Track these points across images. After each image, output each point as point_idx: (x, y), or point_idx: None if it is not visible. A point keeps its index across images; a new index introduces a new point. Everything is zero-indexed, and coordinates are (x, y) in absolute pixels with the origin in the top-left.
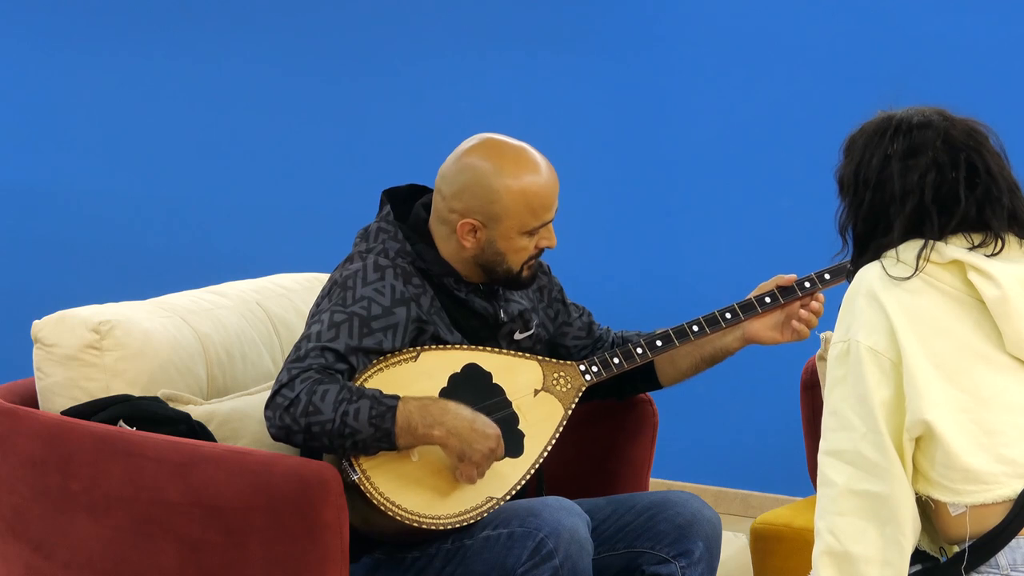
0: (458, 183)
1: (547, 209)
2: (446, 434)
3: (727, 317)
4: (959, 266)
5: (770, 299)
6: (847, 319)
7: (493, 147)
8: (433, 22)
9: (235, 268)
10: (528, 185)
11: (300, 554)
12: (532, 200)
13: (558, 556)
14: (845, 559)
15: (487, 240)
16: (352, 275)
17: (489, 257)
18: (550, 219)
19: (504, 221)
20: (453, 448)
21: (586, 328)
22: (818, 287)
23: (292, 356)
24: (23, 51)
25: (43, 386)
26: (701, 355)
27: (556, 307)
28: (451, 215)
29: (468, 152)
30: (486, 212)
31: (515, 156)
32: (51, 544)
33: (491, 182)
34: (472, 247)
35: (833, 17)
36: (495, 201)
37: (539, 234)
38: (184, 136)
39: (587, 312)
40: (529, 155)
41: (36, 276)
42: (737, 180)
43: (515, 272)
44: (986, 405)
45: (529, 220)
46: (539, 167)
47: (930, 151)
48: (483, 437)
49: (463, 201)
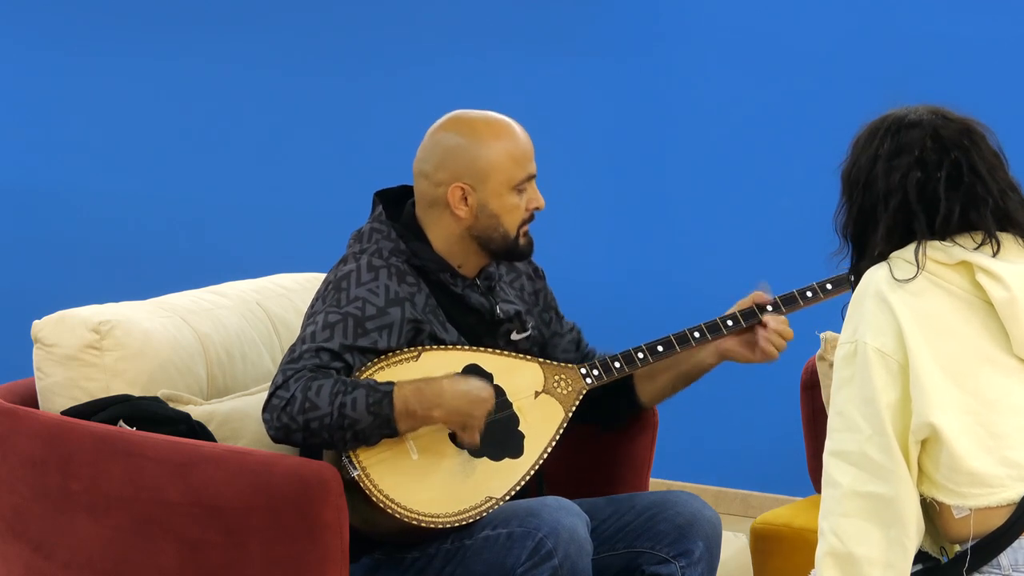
0: (437, 155)
1: (529, 159)
2: (447, 414)
3: (729, 324)
4: (967, 267)
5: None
6: (855, 320)
7: (461, 117)
8: (433, 23)
9: (235, 268)
10: (506, 139)
11: (300, 554)
12: (513, 151)
13: (557, 556)
14: (848, 560)
15: (479, 204)
16: (346, 276)
17: (484, 223)
18: (534, 172)
19: (492, 177)
20: (456, 424)
21: (575, 343)
22: (820, 296)
23: (287, 358)
24: (23, 51)
25: (43, 386)
26: (678, 372)
27: (550, 315)
28: (439, 189)
29: (438, 129)
30: (472, 172)
31: (484, 118)
32: (51, 544)
33: (470, 143)
34: (466, 216)
35: (834, 17)
36: (478, 158)
37: (527, 193)
38: (184, 136)
39: (577, 329)
40: (497, 116)
41: (36, 276)
42: (737, 180)
43: (512, 237)
44: (992, 408)
45: (515, 171)
46: (510, 123)
47: (916, 150)
48: (481, 402)
49: (447, 169)
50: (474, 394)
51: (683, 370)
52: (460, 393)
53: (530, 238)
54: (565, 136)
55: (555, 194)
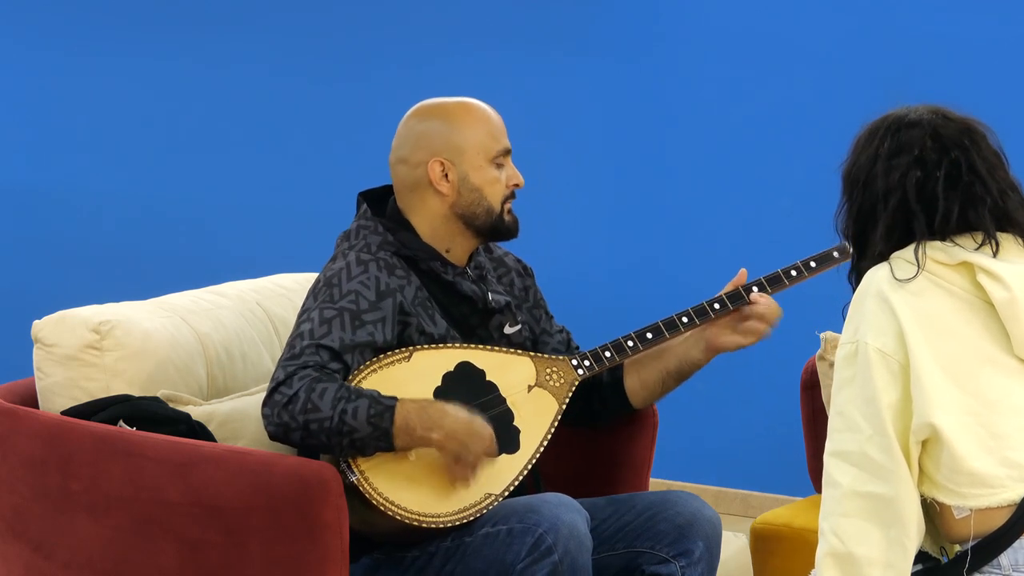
0: (412, 139)
1: (502, 133)
2: (444, 437)
3: (716, 308)
4: (968, 267)
5: (719, 305)
6: (856, 320)
7: (429, 102)
8: (433, 23)
9: (235, 268)
10: (476, 114)
11: (300, 554)
12: (486, 123)
13: (557, 551)
14: (849, 561)
15: (460, 178)
16: (337, 273)
17: (467, 198)
18: (509, 147)
19: (468, 150)
20: (450, 451)
21: (564, 344)
22: (804, 275)
23: (286, 354)
24: (23, 51)
25: (43, 386)
26: (668, 371)
27: (539, 312)
28: (418, 170)
29: (409, 118)
30: (449, 147)
31: (453, 100)
32: (51, 544)
33: (442, 123)
34: (449, 192)
35: (834, 17)
36: (453, 133)
37: (506, 169)
38: (184, 136)
39: (567, 331)
40: (465, 98)
41: (36, 276)
42: (737, 180)
43: (497, 212)
44: (993, 408)
45: (490, 144)
46: (478, 103)
47: (916, 150)
48: (479, 438)
49: (424, 148)
50: (475, 426)
51: (673, 368)
52: (461, 420)
53: (515, 216)
54: (565, 136)
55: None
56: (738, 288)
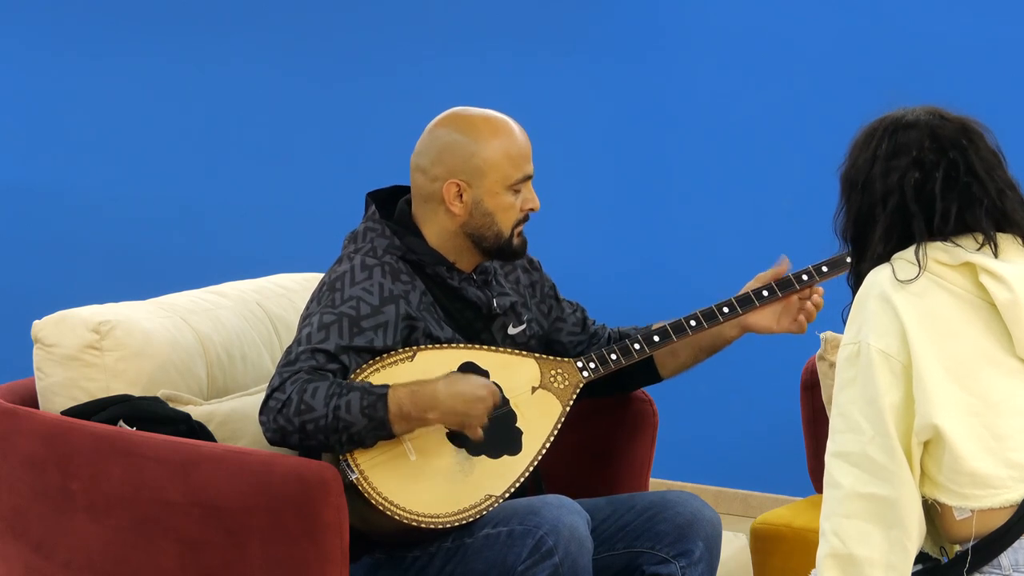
0: (435, 150)
1: (526, 160)
2: (442, 415)
3: (724, 312)
4: (970, 268)
5: (767, 292)
6: (858, 321)
7: (460, 113)
8: (433, 23)
9: (235, 268)
10: (504, 138)
11: (300, 554)
12: (510, 150)
13: (558, 553)
14: (849, 562)
15: (474, 201)
16: (340, 276)
17: (478, 221)
18: (531, 173)
19: (488, 176)
20: (453, 424)
21: (580, 324)
22: (815, 279)
23: (283, 361)
24: (23, 51)
25: (43, 386)
26: (700, 345)
27: (549, 303)
28: (434, 184)
29: (438, 124)
30: (468, 169)
31: (484, 116)
32: (51, 544)
33: (468, 140)
34: (461, 213)
35: (833, 17)
36: (475, 155)
37: (523, 193)
38: (184, 136)
39: (581, 308)
40: (497, 115)
41: (36, 276)
42: (737, 180)
43: (506, 237)
44: (995, 409)
45: (511, 172)
46: (509, 123)
47: (914, 151)
48: (477, 401)
49: (444, 164)
50: (470, 394)
51: (707, 344)
52: (455, 394)
53: (524, 238)
54: (565, 136)
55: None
56: (790, 276)
